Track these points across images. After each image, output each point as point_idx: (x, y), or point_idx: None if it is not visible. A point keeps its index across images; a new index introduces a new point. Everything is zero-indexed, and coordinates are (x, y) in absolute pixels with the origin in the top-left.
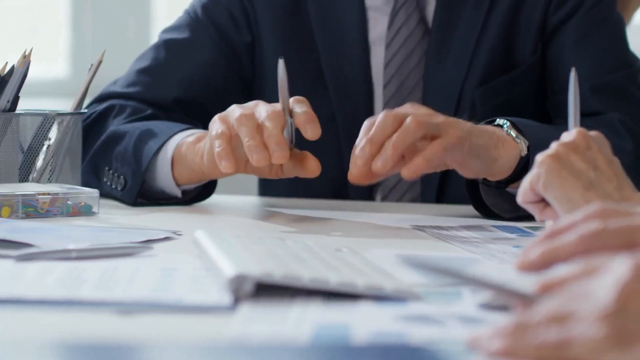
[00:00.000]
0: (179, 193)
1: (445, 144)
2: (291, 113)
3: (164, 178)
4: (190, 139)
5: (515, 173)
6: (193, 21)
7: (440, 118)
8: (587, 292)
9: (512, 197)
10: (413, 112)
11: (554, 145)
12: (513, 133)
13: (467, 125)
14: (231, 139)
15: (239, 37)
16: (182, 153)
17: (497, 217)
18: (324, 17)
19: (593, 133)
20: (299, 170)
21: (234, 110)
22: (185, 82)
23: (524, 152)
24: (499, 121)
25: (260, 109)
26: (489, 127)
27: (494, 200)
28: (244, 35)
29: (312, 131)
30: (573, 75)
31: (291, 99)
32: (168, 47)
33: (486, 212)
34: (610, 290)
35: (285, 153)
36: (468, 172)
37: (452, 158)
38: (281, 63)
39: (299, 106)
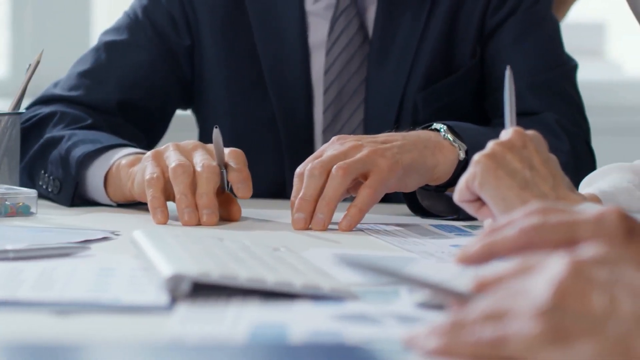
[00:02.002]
0: (112, 204)
1: (375, 185)
2: (226, 165)
3: (96, 192)
4: (124, 161)
5: (453, 177)
6: (133, 23)
7: (366, 150)
8: (524, 290)
9: (449, 199)
10: (338, 151)
11: (490, 144)
12: (450, 137)
13: (397, 143)
14: (164, 185)
15: (178, 40)
16: (115, 174)
17: (434, 217)
18: (264, 22)
19: (530, 132)
20: (222, 213)
21: (170, 156)
22: (126, 84)
23: (462, 156)
24: (436, 126)
25: (197, 158)
26: (423, 135)
27: (429, 203)
28: (183, 38)
29: (243, 191)
30: (508, 74)
31: (227, 152)
32: (108, 50)
33: (422, 212)
34: (546, 288)
35: (214, 217)
36: (408, 189)
37: (388, 187)
38: (216, 130)
39: (234, 162)
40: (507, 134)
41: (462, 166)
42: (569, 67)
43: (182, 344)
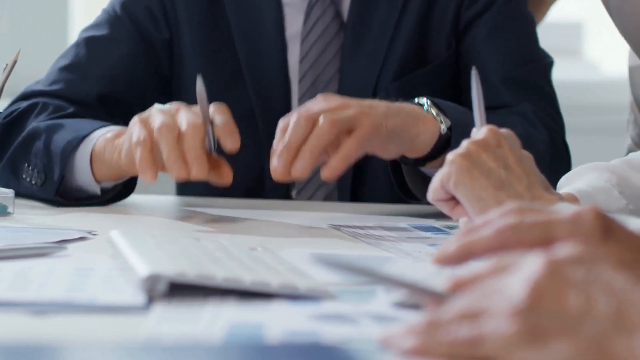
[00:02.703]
0: (98, 190)
1: (360, 138)
2: (212, 122)
3: (83, 174)
4: (109, 135)
5: (434, 150)
6: (112, 18)
7: (352, 109)
8: (500, 289)
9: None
10: (325, 106)
11: (464, 144)
12: (433, 111)
13: (381, 108)
14: (152, 146)
15: (157, 34)
16: (100, 149)
17: (418, 200)
18: (241, 14)
19: (503, 131)
20: (212, 176)
21: (155, 115)
22: (106, 78)
23: (444, 130)
24: (420, 100)
25: (182, 116)
26: (407, 105)
27: (413, 183)
28: (162, 31)
29: (231, 143)
30: (474, 74)
31: (212, 106)
32: (88, 45)
33: (408, 193)
34: (522, 287)
35: (203, 168)
36: (388, 154)
37: (370, 147)
38: (199, 79)
39: (219, 116)
40: (481, 132)
41: (443, 140)
42: (545, 63)
43: (159, 344)
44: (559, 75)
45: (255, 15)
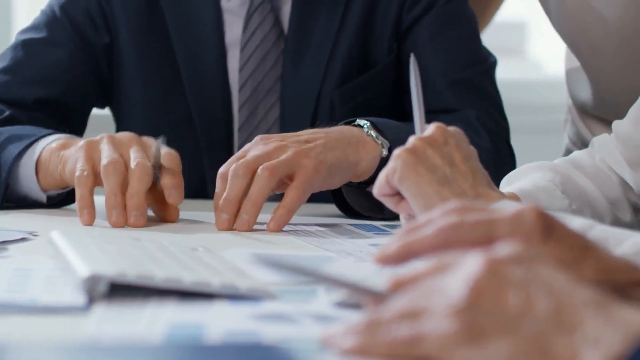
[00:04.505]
0: (44, 198)
1: (302, 186)
2: (161, 167)
3: (28, 183)
4: (54, 145)
5: (376, 173)
6: (50, 20)
7: (291, 150)
8: (440, 288)
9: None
10: (263, 151)
11: (411, 139)
12: (373, 134)
13: (320, 141)
14: (93, 184)
15: (97, 38)
16: (45, 159)
17: (361, 216)
18: (180, 21)
19: (451, 128)
20: (158, 213)
21: (104, 148)
22: (45, 80)
23: (385, 152)
24: (360, 122)
25: (132, 155)
26: (347, 131)
27: (356, 201)
28: (102, 35)
29: (174, 198)
30: (412, 60)
31: (163, 153)
32: (26, 47)
33: (350, 211)
34: (461, 286)
35: (142, 219)
36: (334, 186)
37: (315, 187)
38: (159, 142)
39: (169, 166)
40: (429, 129)
41: (384, 163)
42: (488, 64)
43: (98, 345)
44: (502, 74)
45: (194, 20)
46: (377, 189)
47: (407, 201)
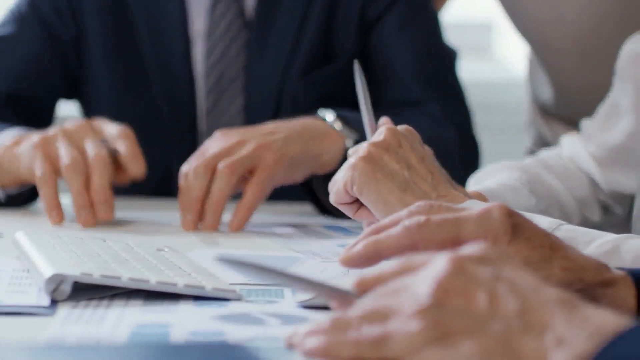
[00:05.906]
0: (2, 196)
1: (262, 181)
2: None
3: None
4: (7, 142)
5: (341, 164)
6: (18, 17)
7: (251, 145)
8: (406, 288)
9: None
10: (223, 146)
11: (364, 146)
12: (337, 127)
13: (282, 134)
14: (55, 182)
15: (64, 30)
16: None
17: (333, 214)
18: (145, 10)
19: (402, 128)
20: (120, 177)
21: (60, 145)
22: (13, 77)
23: (350, 144)
24: (323, 113)
25: (88, 148)
26: (309, 123)
27: (325, 195)
28: (69, 28)
29: (135, 169)
30: (357, 67)
31: (115, 134)
32: None
33: (323, 208)
34: (427, 285)
35: (110, 211)
36: (296, 179)
37: (276, 180)
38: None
39: (123, 144)
40: (380, 133)
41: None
42: (452, 57)
43: (63, 345)
44: (469, 74)
45: (159, 11)
46: (335, 198)
47: (366, 208)
